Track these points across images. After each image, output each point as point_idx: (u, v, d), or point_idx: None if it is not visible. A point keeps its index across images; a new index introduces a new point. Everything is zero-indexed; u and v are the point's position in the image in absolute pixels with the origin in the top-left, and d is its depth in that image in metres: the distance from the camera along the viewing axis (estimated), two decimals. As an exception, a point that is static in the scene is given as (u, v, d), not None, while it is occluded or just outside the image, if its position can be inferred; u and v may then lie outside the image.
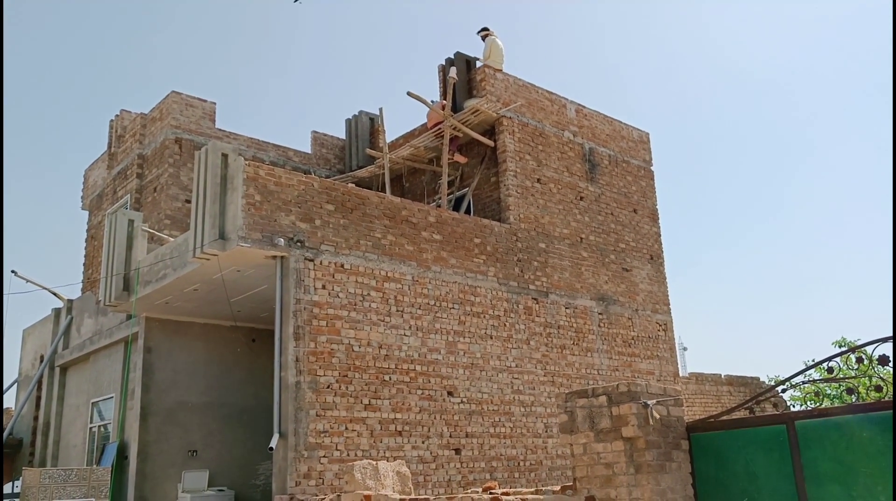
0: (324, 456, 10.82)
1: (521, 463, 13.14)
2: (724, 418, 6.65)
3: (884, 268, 45.35)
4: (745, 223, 50.75)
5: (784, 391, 6.20)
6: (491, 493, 6.78)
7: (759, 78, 49.88)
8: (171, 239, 13.77)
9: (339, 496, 8.75)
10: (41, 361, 17.72)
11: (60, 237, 46.64)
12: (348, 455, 11.04)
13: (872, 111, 47.87)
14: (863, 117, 48.47)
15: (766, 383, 20.31)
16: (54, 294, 17.58)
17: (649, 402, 6.34)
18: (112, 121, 18.61)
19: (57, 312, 17.77)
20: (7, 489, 14.46)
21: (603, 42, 52.19)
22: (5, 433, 16.98)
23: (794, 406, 17.05)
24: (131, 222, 13.81)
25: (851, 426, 5.75)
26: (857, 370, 6.08)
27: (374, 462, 7.35)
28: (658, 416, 6.37)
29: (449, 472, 12.12)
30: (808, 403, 16.59)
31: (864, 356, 5.73)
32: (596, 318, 15.31)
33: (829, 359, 6.06)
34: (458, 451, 12.34)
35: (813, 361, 17.18)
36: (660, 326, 16.63)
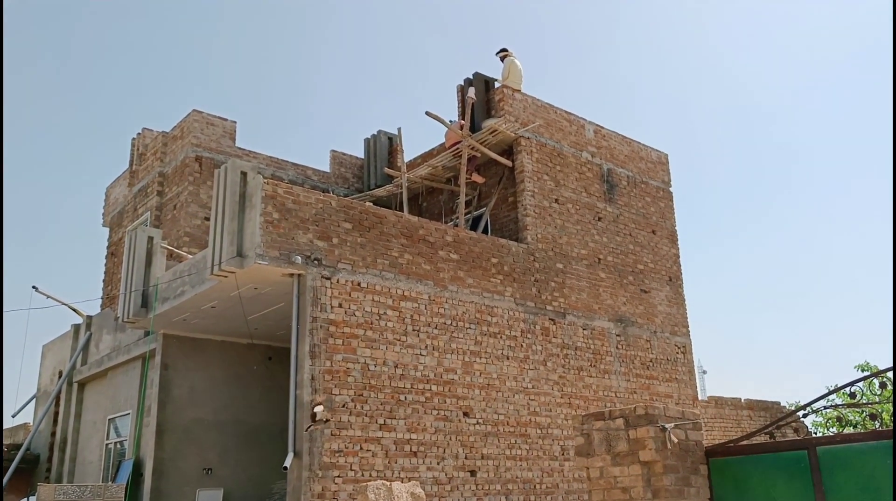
0: (338, 476, 10.76)
1: (538, 486, 12.99)
2: (745, 443, 6.53)
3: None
4: (768, 246, 50.31)
5: (805, 416, 6.09)
6: (506, 516, 6.69)
7: (776, 97, 49.68)
8: (190, 256, 13.85)
9: (352, 516, 8.67)
10: (59, 376, 17.83)
11: (81, 254, 47.14)
12: (363, 475, 10.96)
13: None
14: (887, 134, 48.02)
15: (787, 407, 19.99)
16: (74, 310, 17.73)
17: (667, 425, 6.24)
18: (134, 139, 18.83)
19: (76, 328, 17.90)
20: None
21: (622, 63, 52.24)
22: (22, 449, 17.05)
23: (815, 432, 16.76)
24: (150, 238, 13.91)
25: (875, 453, 5.62)
26: (880, 395, 5.96)
27: (388, 483, 7.29)
28: (676, 440, 6.27)
29: (464, 494, 12.00)
30: (830, 429, 16.31)
31: (887, 382, 5.61)
32: (614, 340, 15.18)
33: (852, 384, 5.95)
34: (473, 473, 12.22)
35: (835, 386, 16.94)
36: (678, 348, 16.46)
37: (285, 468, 10.56)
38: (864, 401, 5.99)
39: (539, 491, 12.97)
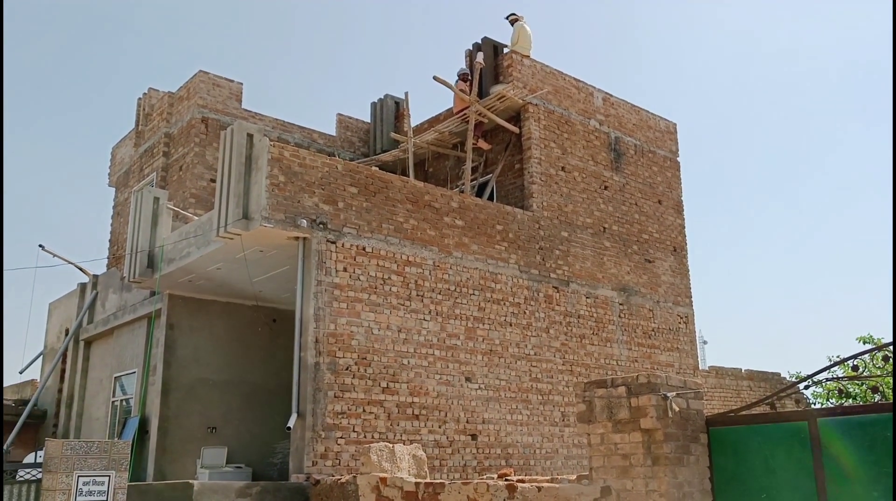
0: (341, 437, 10.89)
1: (537, 451, 13.14)
2: (745, 413, 6.59)
3: (912, 266, 44.63)
4: (771, 217, 50.16)
5: (807, 387, 6.13)
6: (506, 480, 6.78)
7: (791, 67, 49.14)
8: (196, 218, 13.87)
9: (354, 477, 8.80)
10: (66, 334, 17.98)
11: (87, 213, 47.21)
12: (365, 436, 11.10)
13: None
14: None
15: (788, 378, 20.11)
16: (80, 269, 17.80)
17: (669, 394, 6.29)
18: (140, 99, 18.75)
19: (82, 286, 17.99)
20: (30, 458, 14.73)
21: (633, 29, 51.63)
22: (30, 405, 17.26)
23: (815, 403, 16.89)
24: (157, 199, 13.92)
25: (875, 426, 5.67)
26: (882, 368, 5.99)
27: (391, 445, 7.38)
28: (677, 408, 6.32)
29: (465, 457, 12.15)
30: (831, 400, 16.42)
31: (889, 355, 5.63)
32: (616, 308, 15.22)
33: (855, 357, 5.98)
34: (474, 437, 12.36)
35: (837, 357, 17.02)
36: (681, 318, 16.51)
37: (289, 428, 10.68)
38: (867, 374, 6.04)
39: (539, 456, 13.12)
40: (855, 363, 6.02)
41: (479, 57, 14.87)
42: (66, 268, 18.36)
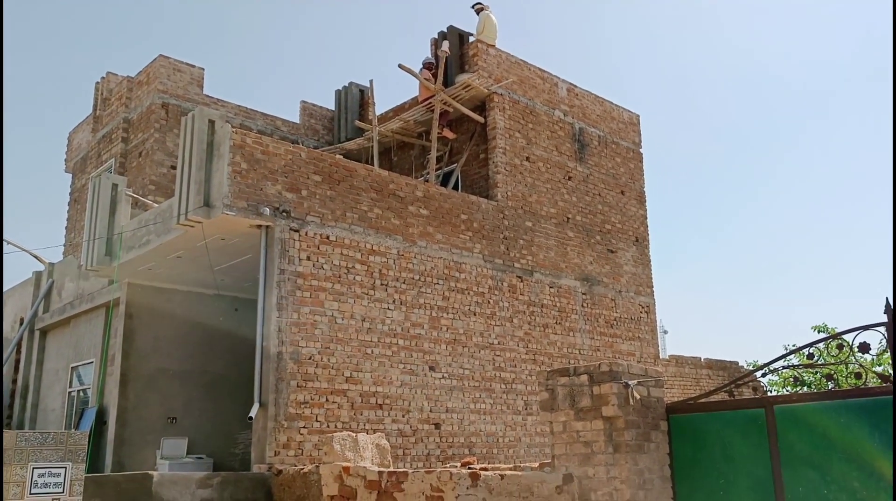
0: (304, 427, 10.83)
1: (500, 440, 13.22)
2: (704, 400, 6.69)
3: (865, 255, 45.78)
4: (727, 208, 50.99)
5: (764, 375, 6.25)
6: (469, 468, 6.81)
7: (751, 60, 49.88)
8: (156, 205, 13.63)
9: (317, 466, 8.76)
10: (20, 324, 17.58)
11: (43, 199, 46.15)
12: (328, 426, 11.05)
13: (865, 96, 48.06)
14: (853, 102, 48.68)
15: (745, 367, 20.50)
16: (35, 257, 17.42)
17: (630, 382, 6.36)
18: (98, 83, 18.34)
19: (38, 275, 17.59)
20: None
21: (596, 20, 51.93)
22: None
23: (771, 391, 17.25)
24: (115, 186, 13.64)
25: (829, 412, 5.80)
26: (835, 357, 6.12)
27: (354, 435, 7.35)
28: (638, 396, 6.40)
29: (428, 446, 12.17)
30: (786, 388, 16.77)
31: (844, 344, 5.76)
32: (579, 298, 15.35)
33: (811, 345, 6.10)
34: (437, 426, 12.39)
35: (793, 346, 17.35)
36: (642, 308, 16.71)
37: (251, 418, 10.59)
38: (822, 362, 6.16)
39: (502, 444, 13.20)
40: (811, 351, 6.14)
41: (445, 46, 14.82)
42: (20, 256, 17.94)
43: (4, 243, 16.58)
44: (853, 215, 47.73)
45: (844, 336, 5.81)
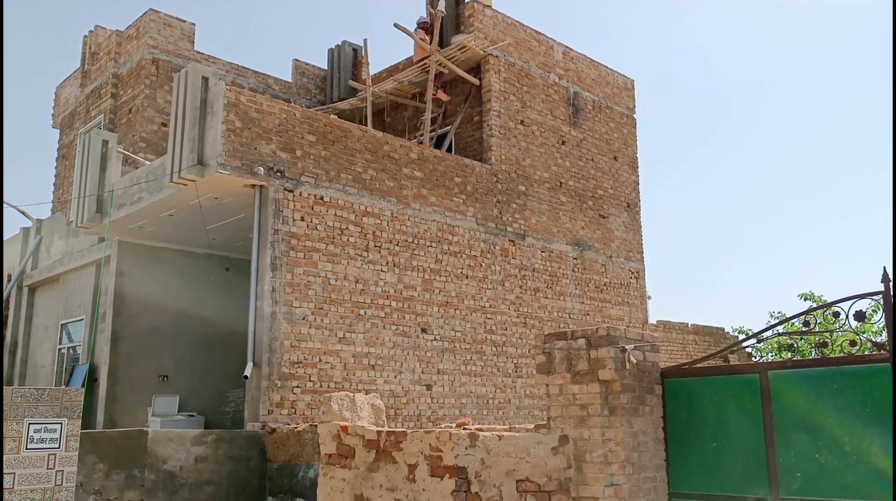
0: (297, 387, 10.91)
1: (490, 401, 13.37)
2: (699, 365, 6.78)
3: (850, 223, 46.14)
4: (714, 175, 51.10)
5: (760, 341, 6.32)
6: (465, 428, 6.89)
7: (744, 26, 49.59)
8: (147, 162, 13.50)
9: (313, 425, 8.84)
10: (9, 280, 17.47)
11: (30, 155, 45.51)
12: (321, 386, 11.13)
13: (860, 59, 47.99)
14: (848, 67, 48.61)
15: (731, 333, 20.77)
16: (23, 213, 17.26)
17: (627, 347, 6.43)
18: (86, 37, 17.98)
19: (26, 231, 17.45)
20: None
21: (590, -16, 51.26)
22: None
23: (759, 357, 17.49)
24: (105, 142, 13.48)
25: (823, 379, 5.90)
26: (830, 324, 6.20)
27: (351, 394, 7.41)
28: (635, 361, 6.47)
29: (419, 407, 12.30)
30: (771, 354, 17.00)
31: (841, 312, 5.83)
32: (570, 263, 15.42)
33: (808, 312, 6.17)
34: (429, 387, 12.50)
35: (779, 313, 17.59)
36: (632, 273, 16.83)
37: (246, 376, 10.64)
38: (816, 330, 6.24)
39: (492, 406, 13.35)
40: (806, 319, 6.22)
41: (441, 5, 14.63)
42: (7, 212, 17.75)
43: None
44: (846, 184, 47.98)
45: (840, 305, 5.88)
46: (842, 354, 6.41)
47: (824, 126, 48.80)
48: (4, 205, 16.85)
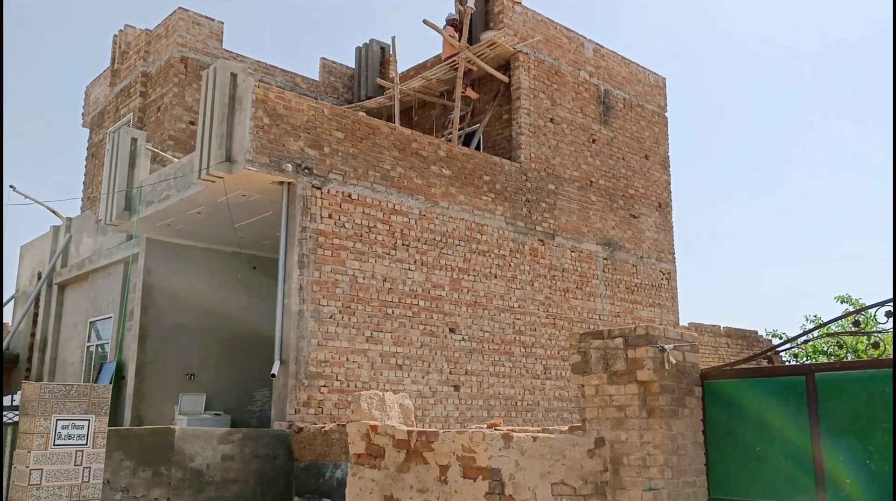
0: (324, 386, 10.79)
1: (519, 403, 13.16)
2: (741, 366, 6.54)
3: (885, 224, 45.24)
4: (747, 176, 50.40)
5: (805, 342, 6.08)
6: (497, 430, 6.70)
7: (782, 27, 48.88)
8: (175, 160, 13.48)
9: (342, 425, 8.70)
10: (39, 278, 17.58)
11: (60, 154, 46.03)
12: (348, 385, 11.00)
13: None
14: (884, 65, 47.71)
15: (765, 336, 20.35)
16: (53, 212, 17.34)
17: (666, 346, 6.21)
18: (115, 36, 18.07)
19: (55, 229, 17.55)
20: (6, 401, 14.48)
21: (618, -16, 50.84)
22: (1, 349, 16.93)
23: (790, 361, 17.11)
24: (134, 140, 13.49)
25: (874, 381, 5.64)
26: (872, 326, 5.94)
27: (381, 393, 7.26)
28: (674, 361, 6.25)
29: (447, 408, 12.13)
30: (807, 358, 16.62)
31: (891, 312, 5.57)
32: (601, 263, 15.17)
33: (859, 312, 5.92)
34: (456, 387, 12.33)
35: (814, 317, 17.21)
36: (663, 274, 16.53)
37: (273, 375, 10.55)
38: (872, 330, 5.98)
39: (520, 408, 13.15)
40: (856, 318, 5.96)
41: (470, 1, 14.47)
42: (38, 210, 17.88)
43: (23, 197, 16.52)
44: (884, 184, 47.03)
45: (889, 305, 5.62)
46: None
47: (858, 126, 47.93)
48: (33, 202, 16.96)
